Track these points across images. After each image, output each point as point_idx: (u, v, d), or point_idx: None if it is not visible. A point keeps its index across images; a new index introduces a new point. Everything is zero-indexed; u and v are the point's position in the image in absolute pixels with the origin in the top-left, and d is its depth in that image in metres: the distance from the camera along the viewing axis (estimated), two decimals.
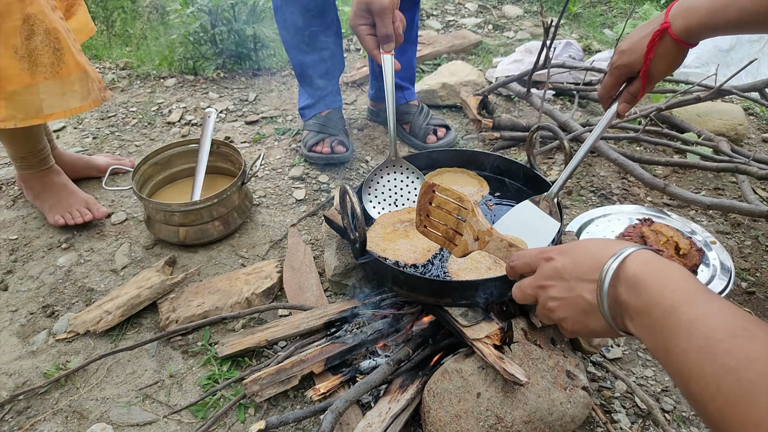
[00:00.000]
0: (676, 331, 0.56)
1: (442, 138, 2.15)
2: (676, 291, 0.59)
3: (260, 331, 1.35)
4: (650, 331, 0.61)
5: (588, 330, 0.73)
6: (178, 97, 2.60)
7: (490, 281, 1.13)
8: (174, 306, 1.44)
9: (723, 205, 1.64)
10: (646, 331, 0.62)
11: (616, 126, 2.09)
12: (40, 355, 1.37)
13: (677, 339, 0.56)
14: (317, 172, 2.04)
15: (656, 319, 0.59)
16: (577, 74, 2.65)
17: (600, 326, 0.70)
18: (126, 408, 1.24)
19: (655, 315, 0.60)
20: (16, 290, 1.56)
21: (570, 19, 3.68)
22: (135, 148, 2.22)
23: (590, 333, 0.73)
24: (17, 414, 1.24)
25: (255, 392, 1.20)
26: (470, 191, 1.48)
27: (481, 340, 1.10)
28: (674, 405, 1.28)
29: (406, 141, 2.23)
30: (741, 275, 1.64)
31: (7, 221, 1.81)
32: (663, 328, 0.58)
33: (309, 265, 1.57)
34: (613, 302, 0.67)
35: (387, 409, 1.12)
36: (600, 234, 1.71)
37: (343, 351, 1.25)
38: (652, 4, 3.72)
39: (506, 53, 2.98)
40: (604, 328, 0.70)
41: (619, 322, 0.67)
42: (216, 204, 1.64)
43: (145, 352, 1.38)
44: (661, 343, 0.59)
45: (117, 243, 1.72)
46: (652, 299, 0.61)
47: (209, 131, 1.84)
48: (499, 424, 1.03)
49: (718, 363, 0.51)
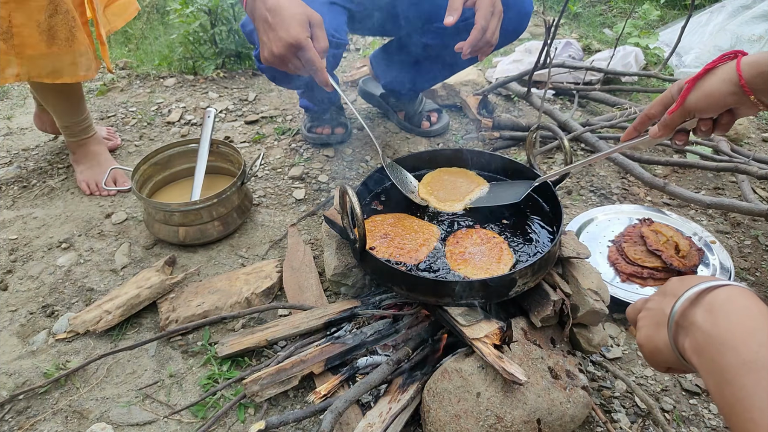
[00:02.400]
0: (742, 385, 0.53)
1: (436, 123, 2.23)
2: (762, 346, 0.54)
3: (260, 331, 1.35)
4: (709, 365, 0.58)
5: (653, 345, 0.70)
6: (178, 97, 2.60)
7: (489, 281, 1.13)
8: (174, 306, 1.44)
9: (723, 204, 1.64)
10: (704, 362, 0.59)
11: (616, 126, 2.09)
12: (40, 354, 1.37)
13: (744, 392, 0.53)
14: (317, 172, 2.04)
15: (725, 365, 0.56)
16: (577, 74, 2.65)
17: (662, 342, 0.67)
18: (126, 408, 1.24)
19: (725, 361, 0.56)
20: (15, 290, 1.56)
21: (570, 18, 3.68)
22: (135, 148, 2.22)
23: (654, 350, 0.70)
24: (17, 414, 1.24)
25: (255, 392, 1.20)
26: (469, 191, 1.47)
27: (480, 340, 1.10)
28: (674, 405, 1.28)
29: (402, 128, 2.29)
30: (741, 275, 1.64)
31: (7, 221, 1.81)
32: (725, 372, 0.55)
33: (309, 264, 1.57)
34: (682, 318, 0.64)
35: (387, 409, 1.12)
36: (600, 233, 1.71)
37: (343, 351, 1.25)
38: (652, 3, 3.72)
39: (506, 53, 2.98)
40: (665, 345, 0.67)
41: (680, 342, 0.64)
42: (216, 204, 1.64)
43: (145, 352, 1.38)
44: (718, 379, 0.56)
45: (117, 243, 1.72)
46: (727, 339, 0.57)
47: (209, 131, 1.84)
48: (499, 424, 1.03)
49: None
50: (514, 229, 1.35)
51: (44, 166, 2.09)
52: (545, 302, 1.18)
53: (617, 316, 1.51)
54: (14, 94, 2.65)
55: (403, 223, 1.37)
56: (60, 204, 1.89)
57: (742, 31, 2.80)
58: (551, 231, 1.33)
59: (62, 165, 2.10)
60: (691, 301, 0.63)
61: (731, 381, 0.54)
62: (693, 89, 0.95)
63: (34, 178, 2.03)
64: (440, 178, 1.53)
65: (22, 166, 2.10)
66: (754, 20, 2.82)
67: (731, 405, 0.54)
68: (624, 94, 2.56)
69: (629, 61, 2.71)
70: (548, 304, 1.17)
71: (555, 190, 1.38)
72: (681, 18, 3.42)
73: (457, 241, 1.30)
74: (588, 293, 1.18)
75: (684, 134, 1.03)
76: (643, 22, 3.46)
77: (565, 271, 1.26)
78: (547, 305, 1.17)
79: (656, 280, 1.53)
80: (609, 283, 1.51)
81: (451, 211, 1.42)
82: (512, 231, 1.35)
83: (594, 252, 1.63)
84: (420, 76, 2.06)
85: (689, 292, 0.64)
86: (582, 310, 1.18)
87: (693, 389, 1.32)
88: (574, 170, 1.30)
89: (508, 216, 1.40)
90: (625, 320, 1.50)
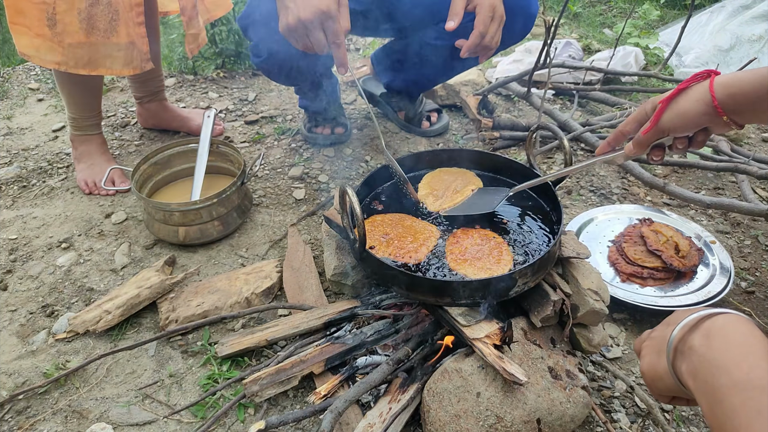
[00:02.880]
0: (733, 407, 0.55)
1: (436, 123, 2.24)
2: (754, 368, 0.56)
3: (260, 331, 1.35)
4: (702, 386, 0.60)
5: (654, 372, 0.71)
6: (178, 97, 2.60)
7: (489, 281, 1.13)
8: (173, 306, 1.44)
9: (723, 204, 1.64)
10: (699, 384, 0.60)
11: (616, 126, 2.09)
12: (40, 354, 1.37)
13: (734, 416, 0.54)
14: (317, 172, 2.04)
15: (717, 386, 0.57)
16: (577, 74, 2.65)
17: (663, 369, 0.68)
18: (126, 408, 1.24)
19: (718, 382, 0.57)
20: (15, 290, 1.56)
21: (570, 18, 3.68)
22: (135, 148, 2.22)
23: (655, 377, 0.71)
24: (17, 414, 1.24)
25: (255, 392, 1.20)
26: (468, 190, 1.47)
27: (480, 340, 1.10)
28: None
29: (402, 128, 2.29)
30: (740, 275, 1.64)
31: (7, 221, 1.81)
32: (717, 392, 0.57)
33: (309, 264, 1.57)
34: (681, 343, 0.65)
35: (387, 409, 1.12)
36: (600, 233, 1.71)
37: (343, 351, 1.25)
38: (652, 3, 3.72)
39: (506, 53, 2.98)
40: (665, 371, 0.68)
41: (678, 367, 0.66)
42: (215, 204, 1.64)
43: (145, 351, 1.38)
44: (710, 400, 0.58)
45: (117, 243, 1.72)
46: (721, 362, 0.59)
47: (209, 131, 1.84)
48: (499, 424, 1.03)
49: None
50: (515, 229, 1.35)
51: (44, 166, 2.09)
52: (545, 302, 1.18)
53: (617, 316, 1.51)
54: (14, 94, 2.64)
55: (403, 223, 1.37)
56: (60, 204, 1.89)
57: (742, 31, 2.80)
58: (551, 231, 1.33)
59: (62, 165, 2.10)
60: (690, 328, 0.65)
61: (722, 401, 0.55)
62: (667, 109, 0.96)
63: (34, 178, 2.03)
64: (440, 178, 1.54)
65: (22, 165, 2.10)
66: (754, 20, 2.82)
67: (721, 424, 0.55)
68: (624, 94, 2.56)
69: (629, 61, 2.71)
70: (548, 304, 1.17)
71: (555, 190, 1.38)
72: (681, 18, 3.42)
73: (457, 241, 1.30)
74: (588, 293, 1.18)
75: (660, 150, 1.04)
76: (643, 22, 3.46)
77: (565, 271, 1.26)
78: (547, 305, 1.17)
79: (656, 280, 1.53)
80: (609, 283, 1.51)
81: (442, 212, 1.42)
82: (512, 231, 1.35)
83: (594, 252, 1.63)
84: (421, 77, 2.06)
85: (688, 318, 0.66)
86: (582, 310, 1.18)
87: None
88: (549, 179, 1.31)
89: (508, 216, 1.40)
90: (625, 320, 1.50)
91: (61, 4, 1.59)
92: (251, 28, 1.71)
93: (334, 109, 2.15)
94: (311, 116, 2.17)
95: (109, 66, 1.72)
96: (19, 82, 2.76)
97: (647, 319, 1.50)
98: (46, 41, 1.64)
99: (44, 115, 2.45)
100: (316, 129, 2.15)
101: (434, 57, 1.89)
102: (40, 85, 2.73)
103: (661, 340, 0.70)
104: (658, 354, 0.70)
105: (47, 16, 1.60)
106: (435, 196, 1.46)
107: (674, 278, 1.54)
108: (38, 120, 2.42)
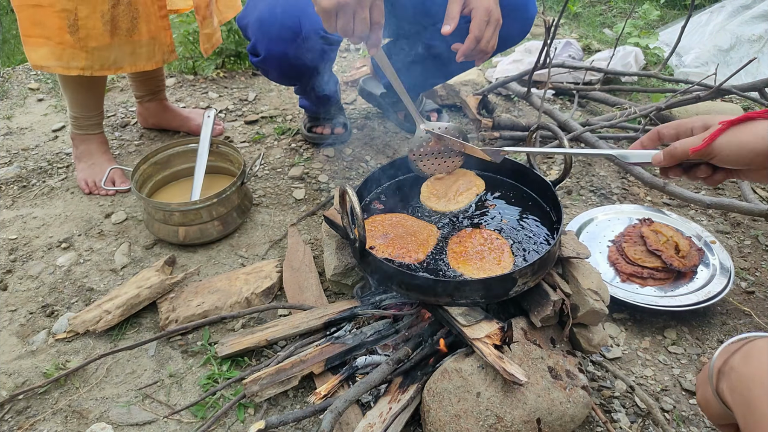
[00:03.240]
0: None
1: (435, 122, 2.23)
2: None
3: (260, 331, 1.35)
4: (738, 399, 0.62)
5: (703, 399, 0.73)
6: (178, 97, 2.60)
7: (489, 280, 1.13)
8: (173, 306, 1.44)
9: (723, 203, 1.64)
10: (736, 397, 0.63)
11: (616, 126, 2.09)
12: (40, 354, 1.37)
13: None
14: (317, 172, 2.04)
15: (751, 397, 0.60)
16: (577, 74, 2.65)
17: (710, 393, 0.70)
18: (126, 408, 1.24)
19: (752, 393, 0.60)
20: (15, 290, 1.56)
21: (570, 18, 3.68)
22: (135, 148, 2.22)
23: (705, 403, 0.73)
24: (17, 414, 1.24)
25: (255, 392, 1.20)
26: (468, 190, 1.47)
27: (480, 340, 1.10)
28: (674, 404, 1.28)
29: (402, 128, 2.29)
30: (740, 275, 1.64)
31: (7, 221, 1.81)
32: (750, 403, 0.59)
33: (309, 264, 1.57)
34: (724, 365, 0.68)
35: (387, 409, 1.12)
36: (600, 233, 1.71)
37: (343, 351, 1.25)
38: (652, 3, 3.72)
39: (506, 53, 2.98)
40: (711, 395, 0.70)
41: (720, 388, 0.68)
42: (215, 204, 1.64)
43: (145, 351, 1.38)
44: (744, 411, 0.60)
45: (117, 243, 1.72)
46: (756, 376, 0.61)
47: (209, 131, 1.84)
48: (499, 424, 1.03)
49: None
50: (515, 229, 1.35)
51: (44, 166, 2.09)
52: (545, 302, 1.18)
53: (617, 316, 1.51)
54: (14, 94, 2.64)
55: (403, 223, 1.37)
56: (60, 204, 1.89)
57: (742, 31, 2.80)
58: (551, 231, 1.33)
59: (62, 165, 2.10)
60: (732, 352, 0.67)
61: (754, 410, 0.58)
62: (725, 133, 0.86)
63: (34, 178, 2.03)
64: (442, 179, 1.53)
65: (22, 165, 2.10)
66: (754, 20, 2.82)
67: (752, 431, 0.58)
68: (624, 94, 2.56)
69: (629, 61, 2.71)
70: (548, 304, 1.17)
71: (555, 191, 1.38)
72: (681, 18, 3.43)
73: (460, 241, 1.30)
74: (588, 293, 1.18)
75: (681, 170, 0.95)
76: (643, 22, 3.46)
77: (565, 271, 1.26)
78: (547, 305, 1.17)
79: (656, 280, 1.53)
80: (609, 283, 1.51)
81: (447, 211, 1.42)
82: (512, 231, 1.35)
83: (594, 252, 1.63)
84: (420, 77, 2.05)
85: (728, 342, 0.68)
86: (582, 310, 1.18)
87: (693, 389, 1.32)
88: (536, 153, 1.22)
89: (509, 216, 1.40)
90: (625, 320, 1.50)
91: (83, 9, 1.60)
92: (248, 28, 1.72)
93: (334, 109, 2.15)
94: (311, 116, 2.17)
95: (131, 63, 1.76)
96: (19, 82, 2.76)
97: (647, 319, 1.50)
98: (68, 48, 1.65)
99: (44, 115, 2.45)
100: (316, 129, 2.15)
101: (432, 58, 1.89)
102: (40, 85, 2.73)
103: (707, 367, 0.72)
104: (706, 381, 0.72)
105: (69, 23, 1.61)
106: (437, 197, 1.46)
107: (674, 278, 1.54)
108: (38, 120, 2.42)
